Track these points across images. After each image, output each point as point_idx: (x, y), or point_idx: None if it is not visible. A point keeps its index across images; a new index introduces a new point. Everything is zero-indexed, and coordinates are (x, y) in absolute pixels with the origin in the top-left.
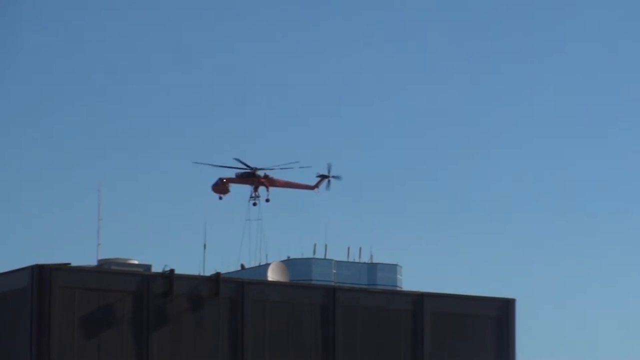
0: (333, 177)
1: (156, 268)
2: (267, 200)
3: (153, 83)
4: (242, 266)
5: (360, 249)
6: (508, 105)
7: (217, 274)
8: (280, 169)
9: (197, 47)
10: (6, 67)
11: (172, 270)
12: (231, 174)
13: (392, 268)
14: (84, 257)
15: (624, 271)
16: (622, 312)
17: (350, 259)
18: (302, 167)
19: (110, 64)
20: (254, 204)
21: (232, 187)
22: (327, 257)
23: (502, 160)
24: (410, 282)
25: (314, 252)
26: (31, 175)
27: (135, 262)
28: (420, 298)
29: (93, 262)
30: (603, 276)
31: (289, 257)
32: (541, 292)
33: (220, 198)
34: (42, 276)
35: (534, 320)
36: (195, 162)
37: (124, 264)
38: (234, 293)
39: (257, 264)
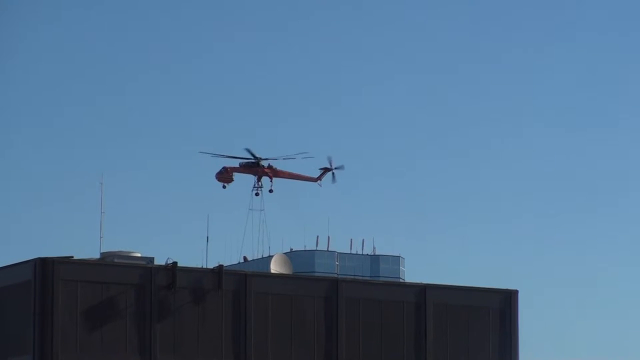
0: (335, 168)
1: (159, 261)
2: (271, 191)
3: (155, 76)
4: (245, 258)
5: (362, 240)
6: (512, 101)
7: (220, 267)
8: (283, 159)
9: (199, 42)
10: (10, 61)
11: (174, 263)
12: (235, 163)
13: (395, 260)
14: (87, 250)
15: (624, 264)
16: (623, 304)
17: (353, 251)
18: (305, 158)
19: (114, 57)
20: (257, 194)
21: (236, 177)
22: (330, 249)
23: (506, 154)
24: (413, 273)
25: (317, 244)
26: (34, 168)
27: (138, 254)
28: (423, 290)
29: (96, 255)
30: (604, 268)
31: (291, 249)
32: (543, 283)
33: (224, 187)
34: (45, 269)
35: (536, 311)
36: (202, 152)
37: (126, 256)
38: (237, 285)
39: (259, 256)
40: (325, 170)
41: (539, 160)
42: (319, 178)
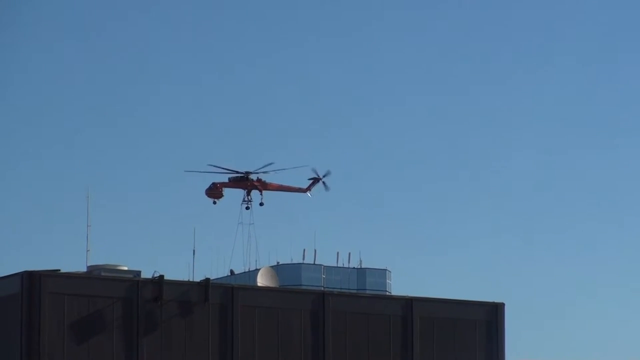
0: (324, 176)
1: (146, 274)
2: (261, 204)
3: (142, 91)
4: (232, 272)
5: (349, 254)
6: (500, 111)
7: (207, 280)
8: (264, 172)
9: (188, 55)
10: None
11: (161, 276)
12: (224, 178)
13: (382, 273)
14: (74, 263)
15: (610, 276)
16: (609, 316)
17: (340, 264)
18: (296, 167)
19: (101, 71)
20: (247, 208)
21: (225, 192)
22: (317, 262)
23: (491, 166)
24: (399, 286)
25: (303, 258)
26: (20, 181)
27: (125, 268)
28: (409, 303)
29: (82, 269)
30: (590, 281)
31: (278, 262)
32: (530, 296)
33: (215, 202)
34: (32, 282)
35: (523, 324)
36: (187, 171)
37: (113, 270)
38: (224, 298)
39: (246, 270)
40: (315, 180)
41: (526, 174)
42: (308, 189)
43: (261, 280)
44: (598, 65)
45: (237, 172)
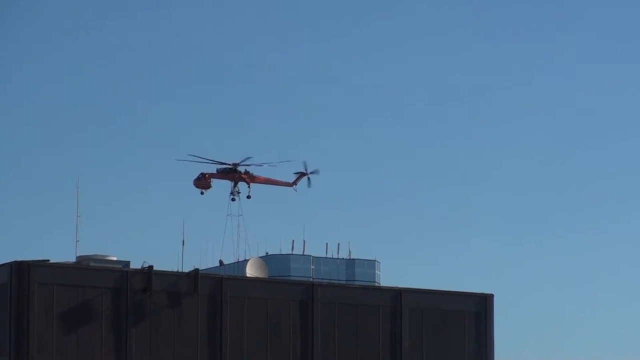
0: (311, 173)
1: (135, 264)
2: (248, 197)
3: (133, 81)
4: (221, 262)
5: (338, 245)
6: (489, 106)
7: (196, 270)
8: (256, 165)
9: (178, 48)
10: None
11: (150, 267)
12: (212, 169)
13: (371, 264)
14: (63, 253)
15: (599, 268)
16: (597, 308)
17: (329, 255)
18: (282, 162)
19: (93, 64)
20: (233, 200)
21: (213, 183)
22: (306, 253)
23: (480, 157)
24: (388, 277)
25: (292, 248)
26: (9, 172)
27: (114, 258)
28: (398, 294)
29: (72, 259)
30: (579, 273)
31: (267, 253)
32: (519, 287)
33: (202, 193)
34: (21, 272)
35: (511, 315)
36: (179, 160)
37: (102, 260)
38: (213, 289)
39: (235, 260)
40: (301, 174)
41: (514, 166)
42: (295, 183)
43: (250, 271)
44: (602, 66)
45: (226, 163)
